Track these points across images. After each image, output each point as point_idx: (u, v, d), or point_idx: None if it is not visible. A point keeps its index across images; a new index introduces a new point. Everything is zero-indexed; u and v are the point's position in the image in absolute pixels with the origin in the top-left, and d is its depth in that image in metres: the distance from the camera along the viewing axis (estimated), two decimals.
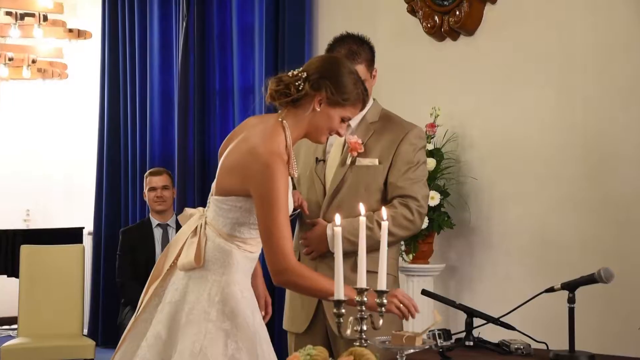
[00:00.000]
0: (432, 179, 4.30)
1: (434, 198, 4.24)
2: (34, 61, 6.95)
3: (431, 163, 4.26)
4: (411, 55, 4.76)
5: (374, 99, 3.20)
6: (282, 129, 2.57)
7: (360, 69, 3.04)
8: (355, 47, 3.10)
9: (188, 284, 2.58)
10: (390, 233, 2.79)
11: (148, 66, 6.70)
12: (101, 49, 7.15)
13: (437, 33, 4.57)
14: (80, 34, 6.99)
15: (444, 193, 4.33)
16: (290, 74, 2.59)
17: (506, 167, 4.30)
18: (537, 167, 4.17)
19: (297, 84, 2.56)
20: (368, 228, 2.93)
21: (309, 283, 2.52)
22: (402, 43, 4.80)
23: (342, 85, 2.58)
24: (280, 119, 2.58)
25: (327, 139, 2.71)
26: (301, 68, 2.61)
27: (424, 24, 4.61)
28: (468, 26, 4.44)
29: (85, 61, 7.61)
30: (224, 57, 6.10)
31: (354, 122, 3.15)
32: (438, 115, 4.40)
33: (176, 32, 6.43)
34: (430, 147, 4.32)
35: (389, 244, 2.78)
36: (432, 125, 4.37)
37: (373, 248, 2.41)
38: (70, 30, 6.98)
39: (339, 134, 2.68)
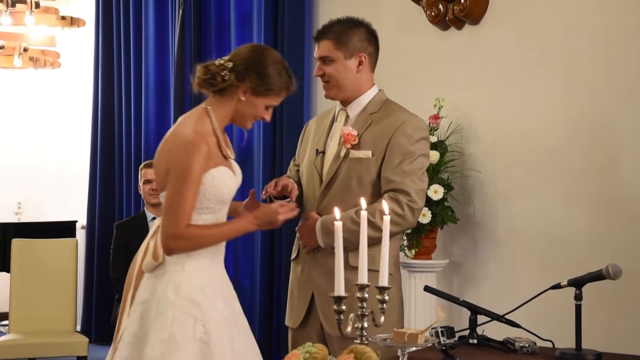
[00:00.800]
0: (436, 172, 4.30)
1: (438, 192, 4.24)
2: (25, 49, 6.94)
3: (434, 156, 4.26)
4: (414, 44, 4.76)
5: (380, 90, 3.19)
6: (207, 115, 2.77)
7: (325, 45, 3.08)
8: (340, 27, 3.10)
9: (155, 282, 2.74)
10: (378, 228, 2.79)
11: (143, 55, 6.69)
12: (95, 37, 7.14)
13: (441, 22, 4.56)
14: (73, 21, 6.99)
15: (447, 187, 4.33)
16: (217, 62, 2.77)
17: (512, 160, 4.30)
18: (543, 160, 4.17)
19: (222, 74, 2.74)
20: (355, 223, 2.94)
21: (196, 243, 2.71)
22: (405, 32, 4.79)
23: (266, 76, 2.75)
24: (205, 106, 2.78)
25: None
26: (228, 57, 2.78)
27: (427, 12, 4.60)
28: (473, 15, 4.43)
29: (79, 50, 7.60)
30: (222, 47, 6.09)
31: (353, 113, 3.15)
32: (442, 107, 4.40)
33: (172, 21, 6.43)
34: (433, 139, 4.31)
35: (378, 240, 2.78)
36: (436, 117, 4.37)
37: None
38: (63, 18, 6.98)
39: (265, 119, 2.86)
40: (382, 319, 2.19)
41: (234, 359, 2.71)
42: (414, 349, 2.18)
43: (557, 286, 2.70)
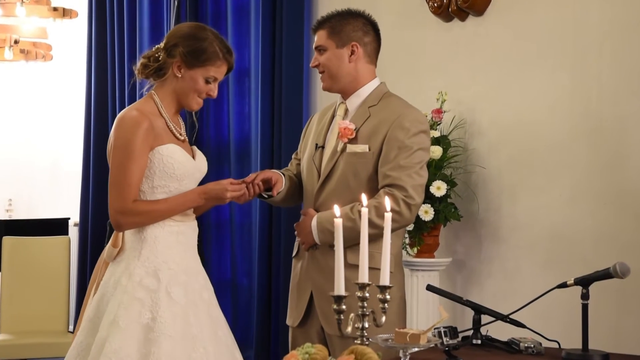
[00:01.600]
0: (438, 168, 4.30)
1: (440, 188, 4.24)
2: (16, 42, 6.93)
3: (437, 151, 4.25)
4: (416, 36, 4.75)
5: (381, 82, 3.20)
6: (151, 98, 2.91)
7: (320, 34, 3.15)
8: (337, 17, 3.15)
9: (114, 269, 2.89)
10: (373, 224, 2.79)
11: (138, 48, 6.68)
12: (88, 29, 7.13)
13: (444, 13, 4.56)
14: (65, 12, 6.97)
15: (450, 183, 4.33)
16: (155, 48, 2.96)
17: (516, 156, 4.30)
18: (549, 155, 4.17)
19: (156, 55, 2.92)
20: (350, 219, 2.94)
21: (145, 217, 2.83)
22: (406, 24, 4.79)
23: (195, 46, 2.88)
24: (150, 91, 2.94)
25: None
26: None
27: (430, 3, 4.60)
28: (477, 6, 4.42)
29: (71, 42, 7.59)
30: None
31: (352, 106, 3.16)
32: (445, 101, 4.39)
33: (167, 12, 6.42)
34: (436, 134, 4.31)
35: (375, 237, 2.78)
36: (439, 111, 4.37)
37: (356, 241, 2.39)
38: (55, 9, 6.96)
39: (211, 96, 2.93)
40: (384, 318, 2.19)
41: (187, 346, 2.78)
42: (416, 349, 2.18)
43: (563, 285, 2.71)
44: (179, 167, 2.86)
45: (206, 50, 2.89)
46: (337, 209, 2.23)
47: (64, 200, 7.64)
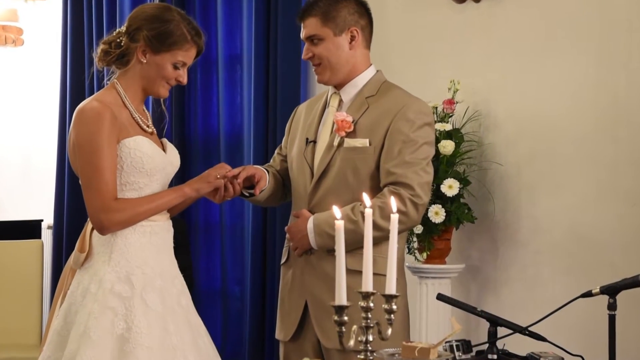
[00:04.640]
0: (450, 165, 4.31)
1: (452, 187, 4.24)
2: None
3: (449, 146, 4.26)
4: (426, 19, 4.75)
5: (378, 70, 3.20)
6: (113, 87, 2.90)
7: (311, 22, 3.11)
8: (325, 1, 3.12)
9: (81, 276, 2.89)
10: (377, 226, 2.79)
11: None
12: (63, 11, 7.13)
13: None
14: None
15: (463, 181, 4.33)
16: (116, 32, 2.94)
17: (536, 151, 4.30)
18: (572, 150, 4.17)
19: (118, 40, 2.90)
20: (351, 221, 2.94)
21: (130, 212, 2.83)
22: (415, 5, 4.79)
23: (160, 29, 2.87)
24: (113, 81, 2.93)
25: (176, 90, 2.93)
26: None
27: None
28: None
29: (44, 25, 7.59)
30: (207, 22, 6.08)
31: (347, 97, 3.15)
32: (457, 90, 4.40)
33: None
34: (448, 127, 4.31)
35: (379, 240, 2.78)
36: (451, 102, 4.37)
37: (359, 245, 2.39)
38: None
39: (180, 82, 2.92)
40: (390, 331, 2.19)
41: (166, 357, 2.79)
42: None
43: (588, 294, 2.71)
44: (148, 161, 2.86)
45: (172, 33, 2.88)
46: (336, 210, 2.22)
47: (37, 201, 7.64)
